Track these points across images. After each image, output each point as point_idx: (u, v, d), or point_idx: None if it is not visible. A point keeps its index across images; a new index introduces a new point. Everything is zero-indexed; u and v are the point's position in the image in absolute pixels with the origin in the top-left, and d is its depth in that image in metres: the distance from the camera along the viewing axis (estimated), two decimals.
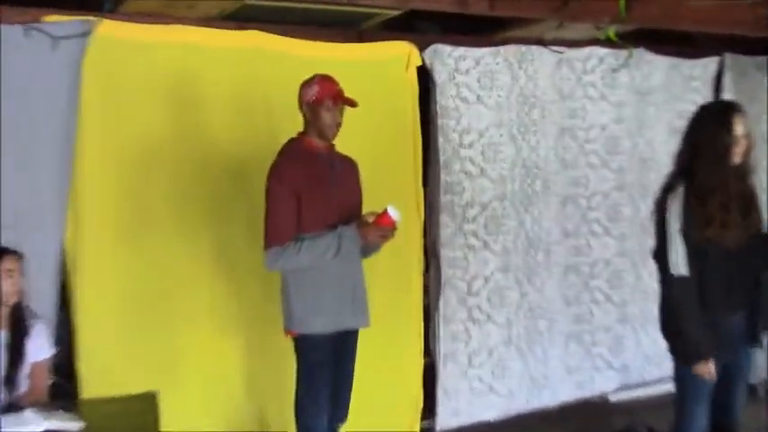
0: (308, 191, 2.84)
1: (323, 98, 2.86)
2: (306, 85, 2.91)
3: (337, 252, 2.80)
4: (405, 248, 3.83)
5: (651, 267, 3.15)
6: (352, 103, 2.90)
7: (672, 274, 2.83)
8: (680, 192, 2.81)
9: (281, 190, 2.83)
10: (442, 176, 4.05)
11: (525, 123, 4.28)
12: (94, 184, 3.31)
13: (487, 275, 4.23)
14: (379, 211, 2.87)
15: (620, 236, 4.60)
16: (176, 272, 3.46)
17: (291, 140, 2.96)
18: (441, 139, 4.03)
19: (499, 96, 4.19)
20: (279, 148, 2.99)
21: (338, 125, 2.91)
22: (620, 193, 4.59)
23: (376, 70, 3.80)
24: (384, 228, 2.82)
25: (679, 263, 2.80)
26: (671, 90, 4.67)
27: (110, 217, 3.34)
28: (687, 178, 2.84)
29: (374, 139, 3.76)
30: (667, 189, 2.88)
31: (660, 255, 2.90)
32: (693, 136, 2.89)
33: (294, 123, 3.01)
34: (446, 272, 4.09)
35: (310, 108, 2.89)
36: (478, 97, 4.13)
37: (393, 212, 2.80)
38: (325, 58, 3.55)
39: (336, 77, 2.95)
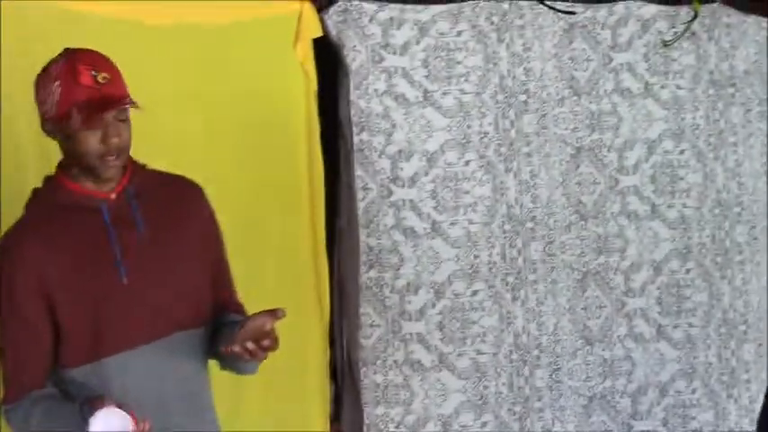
0: (70, 288, 1.99)
1: (68, 108, 1.92)
2: (40, 78, 1.98)
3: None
4: (294, 369, 3.12)
5: None
6: (125, 102, 1.96)
7: None
8: None
9: (16, 295, 2.01)
10: (363, 237, 3.33)
11: (511, 140, 3.48)
12: None
13: (447, 416, 3.36)
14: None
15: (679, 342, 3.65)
16: None
17: (45, 184, 2.09)
18: (359, 171, 3.32)
19: (463, 92, 3.41)
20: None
21: (116, 148, 1.94)
22: (683, 262, 3.66)
23: (237, 45, 3.13)
24: None
25: None
26: None
27: None
28: None
29: (235, 173, 3.07)
30: None
31: None
32: None
33: None
34: (372, 411, 3.27)
35: (55, 127, 1.99)
36: (426, 94, 3.38)
37: (106, 421, 1.78)
38: (137, 23, 2.92)
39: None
